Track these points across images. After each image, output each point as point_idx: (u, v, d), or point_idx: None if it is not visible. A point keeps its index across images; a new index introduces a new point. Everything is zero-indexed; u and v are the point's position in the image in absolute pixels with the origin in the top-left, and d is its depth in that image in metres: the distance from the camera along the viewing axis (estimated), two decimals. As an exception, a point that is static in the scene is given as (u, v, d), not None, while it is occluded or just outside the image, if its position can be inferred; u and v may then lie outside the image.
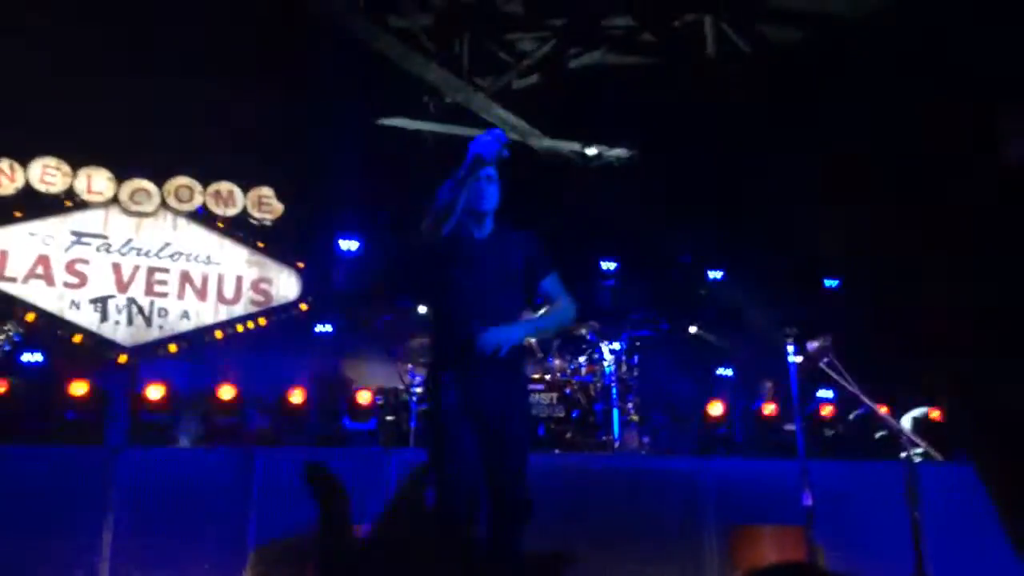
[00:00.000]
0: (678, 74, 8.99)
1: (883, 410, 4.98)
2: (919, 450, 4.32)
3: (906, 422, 4.98)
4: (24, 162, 8.71)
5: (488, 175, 3.74)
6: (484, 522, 3.53)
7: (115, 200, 9.01)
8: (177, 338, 8.81)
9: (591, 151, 10.28)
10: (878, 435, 6.80)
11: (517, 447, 3.57)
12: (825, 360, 4.44)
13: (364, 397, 8.71)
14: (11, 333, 3.66)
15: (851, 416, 8.44)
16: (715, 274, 11.17)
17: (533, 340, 7.70)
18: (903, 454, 4.49)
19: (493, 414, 3.51)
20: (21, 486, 5.14)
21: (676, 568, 5.88)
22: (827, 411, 8.34)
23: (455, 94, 9.03)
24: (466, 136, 10.10)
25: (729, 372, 10.36)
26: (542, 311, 4.15)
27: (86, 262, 8.75)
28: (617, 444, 7.30)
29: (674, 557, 5.90)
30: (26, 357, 8.30)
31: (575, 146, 10.29)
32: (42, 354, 8.44)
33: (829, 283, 11.25)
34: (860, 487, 6.06)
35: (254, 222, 9.44)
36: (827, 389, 8.92)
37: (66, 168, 8.84)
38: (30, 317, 8.27)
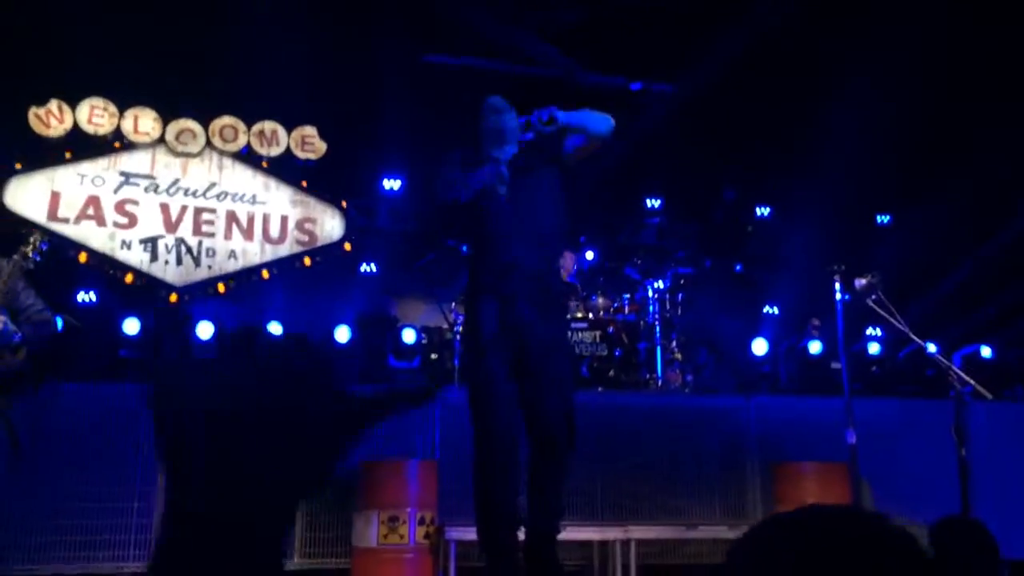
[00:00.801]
0: (726, 7, 8.76)
1: (932, 348, 4.89)
2: (969, 388, 4.25)
3: (955, 360, 4.89)
4: (72, 103, 8.80)
5: (491, 104, 3.73)
6: (524, 461, 3.55)
7: (161, 140, 9.09)
8: (225, 277, 8.94)
9: (635, 86, 10.10)
10: (927, 372, 6.71)
11: (557, 385, 3.55)
12: (872, 297, 4.36)
13: (409, 335, 8.79)
14: (38, 242, 3.75)
15: (900, 354, 8.33)
16: (762, 210, 10.99)
17: (570, 277, 7.66)
18: (952, 392, 4.41)
19: (533, 351, 3.49)
20: (79, 422, 5.30)
21: (718, 503, 5.91)
22: (875, 349, 8.23)
23: (499, 29, 8.90)
24: (510, 73, 10.00)
25: (775, 310, 10.25)
26: None
27: (135, 203, 8.88)
28: (660, 383, 7.30)
29: (717, 493, 5.92)
30: (80, 296, 8.50)
31: (620, 81, 10.12)
32: (95, 293, 8.64)
33: (880, 219, 11.02)
34: (907, 425, 6.00)
35: (298, 161, 9.47)
36: (875, 327, 8.81)
37: (113, 109, 8.92)
38: (83, 257, 8.44)
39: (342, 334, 8.64)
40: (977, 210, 9.25)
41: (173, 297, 8.64)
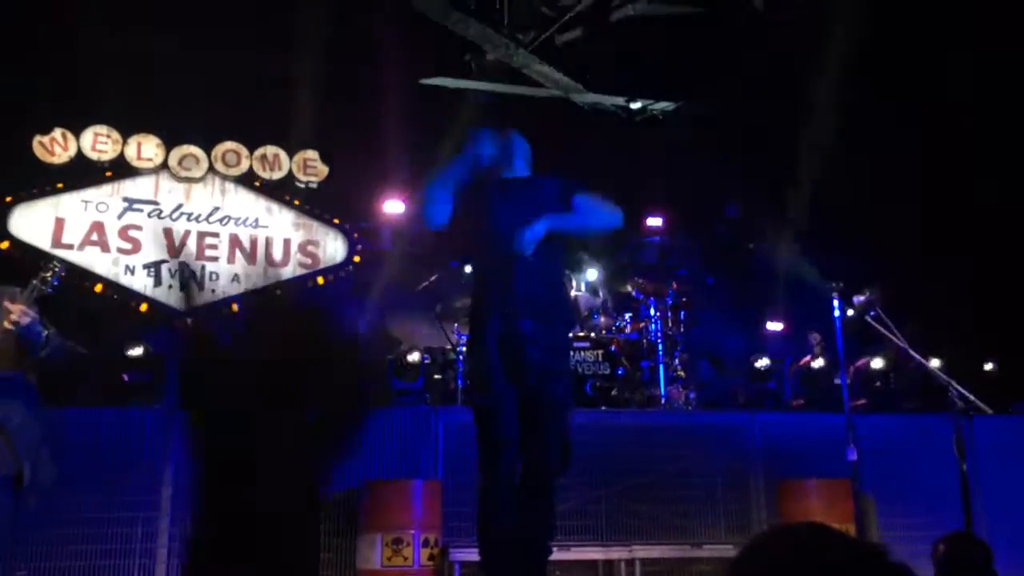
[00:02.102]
0: (724, 24, 8.82)
1: (933, 363, 4.90)
2: (968, 403, 4.26)
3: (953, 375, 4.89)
4: (76, 131, 8.88)
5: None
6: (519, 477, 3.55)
7: (164, 166, 9.16)
8: (228, 301, 8.97)
9: (635, 105, 10.16)
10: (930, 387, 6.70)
11: (553, 409, 3.53)
12: (871, 313, 4.38)
13: (413, 356, 8.81)
14: (57, 268, 3.80)
15: (904, 370, 8.32)
16: (763, 227, 11.00)
17: (579, 296, 7.70)
18: (954, 407, 4.42)
19: (532, 371, 3.49)
20: (84, 446, 5.31)
21: (723, 522, 5.90)
22: (877, 364, 8.22)
23: (496, 51, 8.97)
24: (508, 94, 10.06)
25: (779, 327, 10.24)
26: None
27: (139, 228, 8.94)
28: (663, 400, 7.30)
29: (721, 512, 5.91)
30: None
31: (619, 100, 10.18)
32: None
33: (879, 237, 11.02)
34: (909, 440, 6.00)
35: (300, 185, 9.53)
36: (878, 342, 8.80)
37: (116, 135, 9.00)
38: (98, 288, 8.48)
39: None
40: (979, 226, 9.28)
41: (182, 323, 8.67)
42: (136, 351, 7.93)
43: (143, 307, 8.61)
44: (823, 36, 8.41)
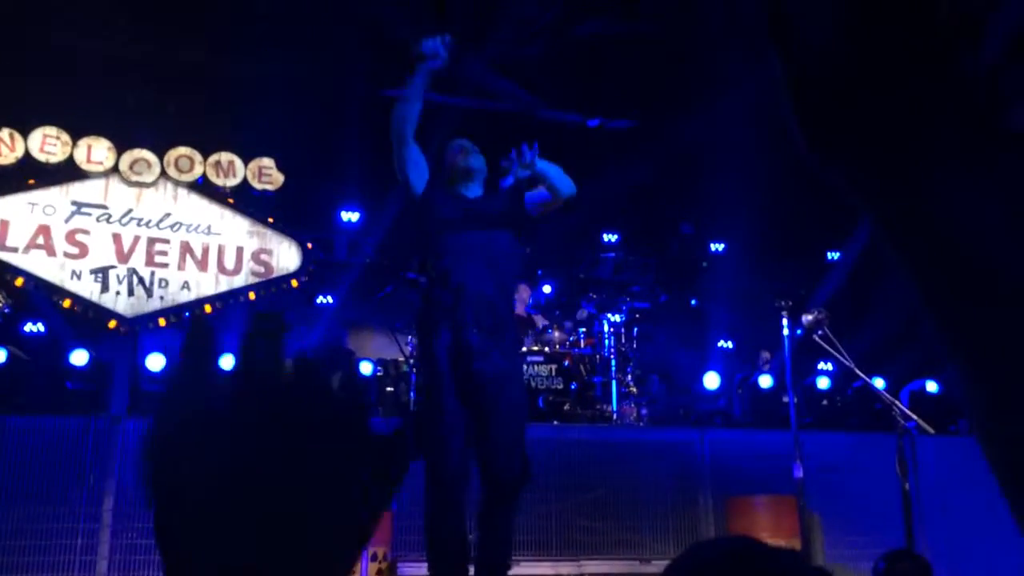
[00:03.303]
0: (682, 42, 8.93)
1: (879, 383, 4.99)
2: (912, 423, 4.34)
3: (903, 396, 4.99)
4: (24, 132, 8.69)
5: (461, 144, 3.83)
6: (476, 493, 3.54)
7: (115, 170, 8.99)
8: (177, 309, 8.83)
9: (593, 123, 10.24)
10: (875, 406, 6.82)
11: (509, 419, 3.53)
12: (819, 332, 4.44)
13: (366, 368, 8.74)
14: (5, 300, 3.68)
15: (850, 389, 8.46)
16: (717, 246, 11.15)
17: (527, 308, 7.70)
18: (900, 426, 4.50)
19: (485, 382, 3.49)
20: (23, 455, 5.18)
21: (672, 538, 5.93)
22: (823, 383, 8.36)
23: (455, 64, 8.97)
24: (469, 107, 10.08)
25: (729, 344, 10.37)
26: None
27: (87, 232, 8.76)
28: (615, 416, 7.33)
29: (671, 527, 5.94)
30: (27, 327, 8.34)
31: (577, 117, 10.25)
32: (43, 324, 8.49)
33: (831, 256, 11.23)
34: (854, 458, 6.09)
35: (255, 192, 9.43)
36: (826, 362, 8.95)
37: (66, 137, 8.83)
38: (19, 282, 8.25)
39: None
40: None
41: (112, 323, 8.49)
42: (80, 359, 7.76)
43: (66, 303, 8.39)
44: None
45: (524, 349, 6.92)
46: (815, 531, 5.24)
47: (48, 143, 8.75)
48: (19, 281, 8.27)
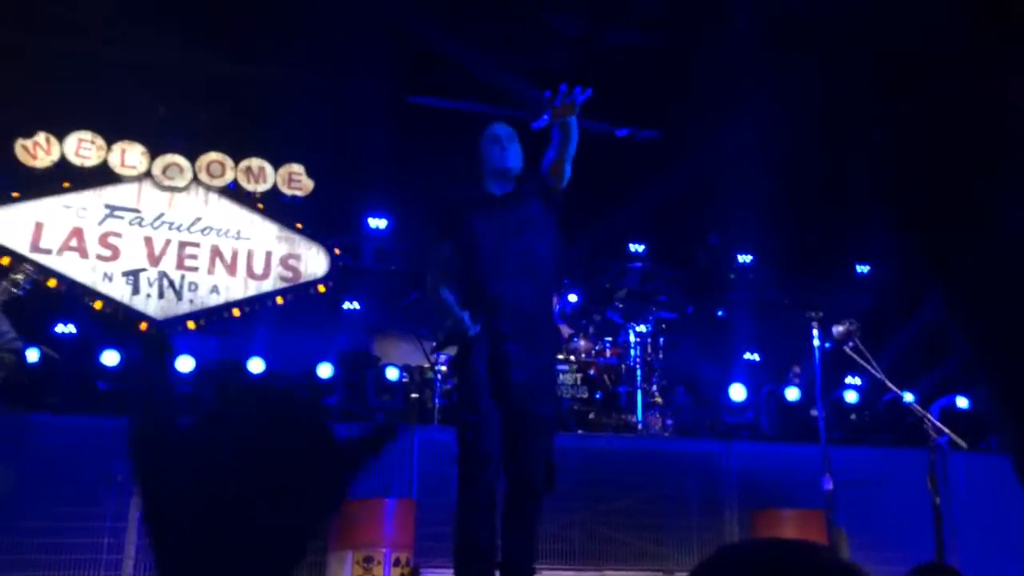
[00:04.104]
0: (711, 52, 8.91)
1: (909, 397, 4.93)
2: (945, 438, 4.28)
3: (933, 410, 4.93)
4: (60, 136, 8.82)
5: (495, 135, 3.80)
6: (501, 498, 3.54)
7: (148, 174, 9.10)
8: (206, 313, 8.91)
9: (622, 133, 10.23)
10: (905, 421, 6.74)
11: (538, 428, 3.54)
12: (850, 344, 4.40)
13: (392, 373, 8.75)
14: (29, 272, 3.76)
15: (880, 403, 8.36)
16: (744, 258, 11.07)
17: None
18: (931, 441, 4.44)
19: (517, 392, 3.49)
20: (53, 454, 5.24)
21: (697, 550, 5.88)
22: (852, 396, 8.26)
23: (486, 73, 9.01)
24: (496, 116, 10.10)
25: (756, 356, 10.28)
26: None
27: (119, 235, 8.87)
28: (640, 426, 7.30)
29: (695, 539, 5.90)
30: (59, 328, 8.44)
31: (606, 127, 10.24)
32: (75, 325, 8.58)
33: (861, 268, 11.12)
34: (884, 473, 6.02)
35: (284, 198, 9.50)
36: (854, 375, 8.85)
37: (100, 142, 8.94)
38: (52, 283, 8.36)
39: (324, 371, 8.60)
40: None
41: (143, 326, 8.58)
42: (112, 359, 7.84)
43: (97, 304, 8.48)
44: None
45: (559, 356, 6.91)
46: (843, 546, 5.18)
47: (83, 147, 8.87)
48: (52, 282, 8.39)
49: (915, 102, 0.64)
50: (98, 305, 8.50)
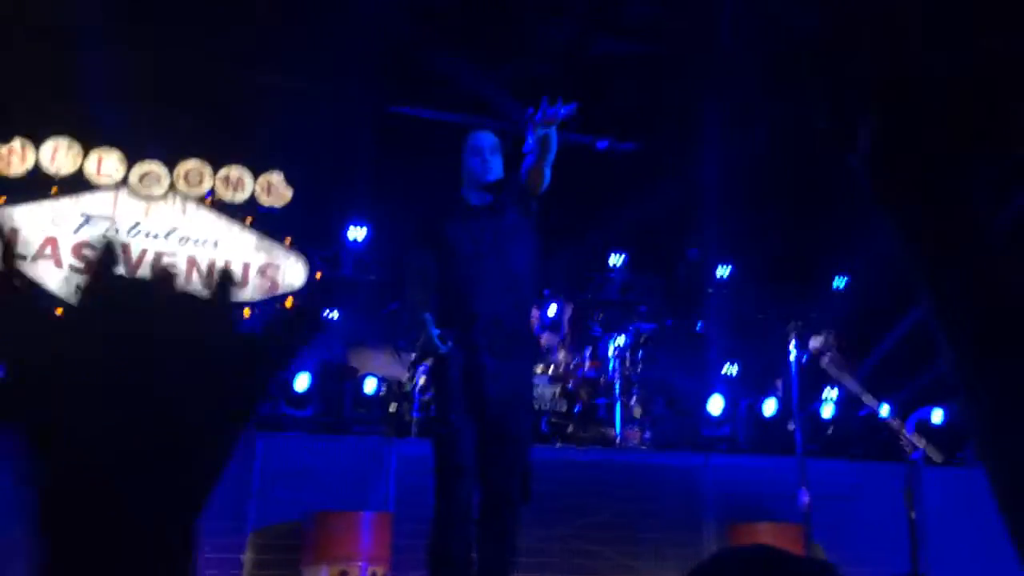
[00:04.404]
0: (694, 65, 8.97)
1: (885, 410, 4.95)
2: (919, 452, 4.30)
3: (909, 424, 4.95)
4: (36, 142, 8.72)
5: (478, 146, 3.80)
6: (477, 510, 3.53)
7: (124, 182, 9.01)
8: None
9: (602, 144, 10.26)
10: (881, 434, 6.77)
11: (514, 440, 3.54)
12: (827, 357, 4.42)
13: (370, 385, 8.70)
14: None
15: (858, 415, 8.40)
16: (723, 271, 11.11)
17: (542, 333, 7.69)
18: (904, 455, 4.46)
19: (493, 404, 3.49)
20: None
21: (674, 564, 5.87)
22: (828, 410, 8.29)
23: (468, 83, 9.02)
24: (477, 125, 10.10)
25: (734, 370, 10.31)
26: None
27: (93, 246, 8.77)
28: (619, 439, 7.30)
29: (672, 553, 5.89)
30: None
31: (586, 138, 10.27)
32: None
33: (838, 282, 11.18)
34: (860, 486, 6.05)
35: (262, 208, 9.43)
36: (832, 387, 8.89)
37: (77, 149, 8.85)
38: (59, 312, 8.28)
39: (302, 382, 8.54)
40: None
41: None
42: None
43: (59, 311, 8.38)
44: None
45: (536, 369, 6.89)
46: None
47: (59, 154, 8.78)
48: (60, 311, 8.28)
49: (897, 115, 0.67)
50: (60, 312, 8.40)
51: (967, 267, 0.64)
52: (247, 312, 9.12)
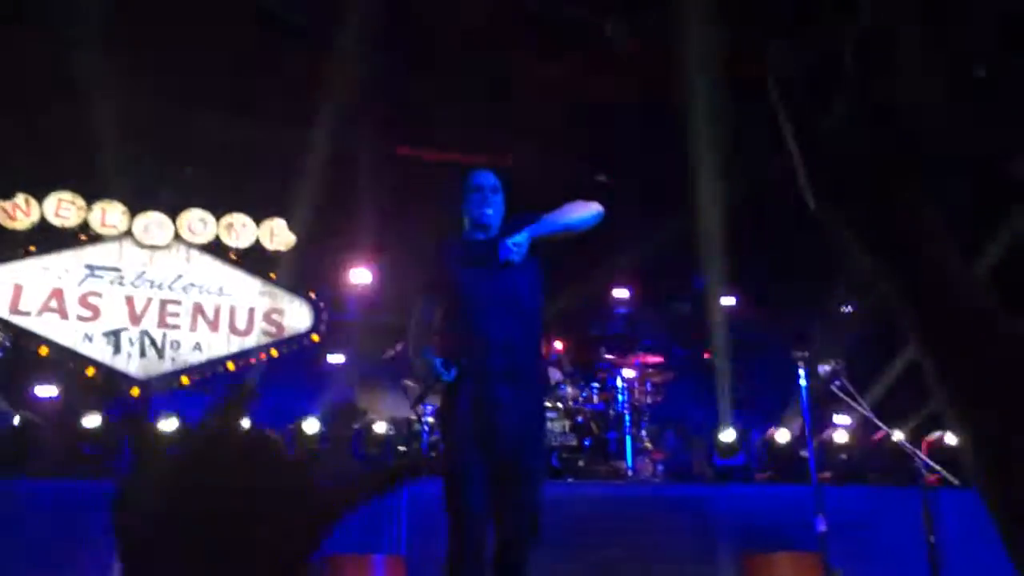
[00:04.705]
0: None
1: (898, 435, 4.91)
2: (935, 475, 4.25)
3: (920, 446, 4.91)
4: (39, 196, 8.79)
5: (479, 185, 3.80)
6: (490, 550, 3.48)
7: (129, 233, 9.06)
8: (189, 370, 8.82)
9: (600, 178, 10.30)
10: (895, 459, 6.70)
11: (528, 480, 3.49)
12: (836, 383, 4.39)
13: (380, 427, 8.67)
14: (2, 336, 3.70)
15: (870, 440, 8.33)
16: (728, 300, 11.09)
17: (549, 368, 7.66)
18: (923, 479, 4.41)
19: (506, 443, 3.45)
20: (33, 519, 5.13)
21: (691, 597, 5.79)
22: (840, 436, 8.22)
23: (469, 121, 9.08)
24: (483, 166, 10.15)
25: (745, 399, 10.23)
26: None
27: (99, 295, 8.80)
28: (631, 472, 7.24)
29: (689, 586, 5.81)
30: (40, 391, 8.32)
31: (587, 173, 10.31)
32: (56, 388, 8.47)
33: (845, 309, 11.15)
34: (876, 513, 5.97)
35: (267, 253, 9.47)
36: (843, 414, 8.83)
37: (80, 202, 8.92)
38: (43, 351, 8.30)
39: (310, 425, 8.51)
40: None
41: (135, 391, 8.49)
42: (93, 422, 7.72)
43: (89, 371, 8.40)
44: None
45: (547, 401, 6.86)
46: (838, 588, 5.11)
47: (63, 207, 8.84)
48: (44, 350, 8.30)
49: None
50: (90, 372, 8.42)
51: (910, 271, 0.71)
52: (263, 356, 9.12)
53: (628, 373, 7.84)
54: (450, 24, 8.13)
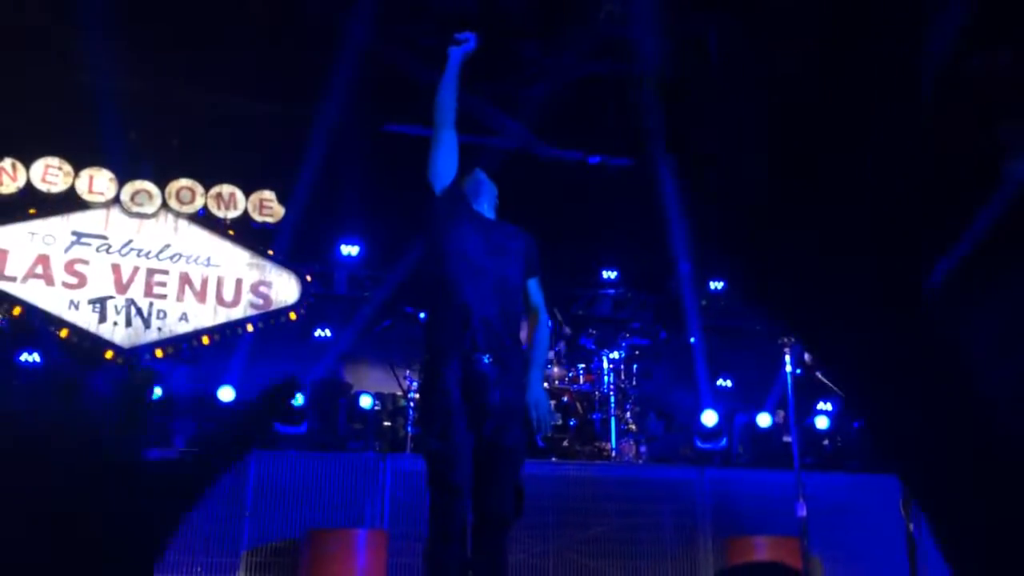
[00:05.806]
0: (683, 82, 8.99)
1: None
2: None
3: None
4: (27, 161, 8.70)
5: (479, 180, 3.81)
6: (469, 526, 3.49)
7: (116, 201, 8.99)
8: (175, 340, 8.78)
9: (594, 160, 10.28)
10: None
11: (510, 458, 3.50)
12: (821, 370, 4.41)
13: (365, 401, 8.68)
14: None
15: (855, 426, 8.40)
16: (716, 284, 11.14)
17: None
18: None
19: (489, 416, 3.45)
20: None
21: (671, 578, 5.85)
22: (823, 422, 8.30)
23: (462, 100, 9.03)
24: (470, 143, 10.12)
25: (728, 383, 10.31)
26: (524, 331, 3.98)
27: (86, 262, 8.74)
28: (614, 453, 7.28)
29: (670, 567, 5.87)
30: (24, 357, 8.29)
31: (578, 155, 10.29)
32: (39, 354, 8.43)
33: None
34: (857, 499, 6.03)
35: (255, 225, 9.42)
36: (826, 401, 8.90)
37: (68, 168, 8.83)
38: (16, 311, 8.22)
39: (296, 399, 8.52)
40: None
41: (109, 354, 8.43)
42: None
43: (63, 333, 8.33)
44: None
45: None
46: (817, 573, 5.17)
47: (50, 173, 8.75)
48: (17, 310, 8.24)
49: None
50: (64, 334, 8.35)
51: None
52: (249, 328, 9.09)
53: (614, 355, 7.86)
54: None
